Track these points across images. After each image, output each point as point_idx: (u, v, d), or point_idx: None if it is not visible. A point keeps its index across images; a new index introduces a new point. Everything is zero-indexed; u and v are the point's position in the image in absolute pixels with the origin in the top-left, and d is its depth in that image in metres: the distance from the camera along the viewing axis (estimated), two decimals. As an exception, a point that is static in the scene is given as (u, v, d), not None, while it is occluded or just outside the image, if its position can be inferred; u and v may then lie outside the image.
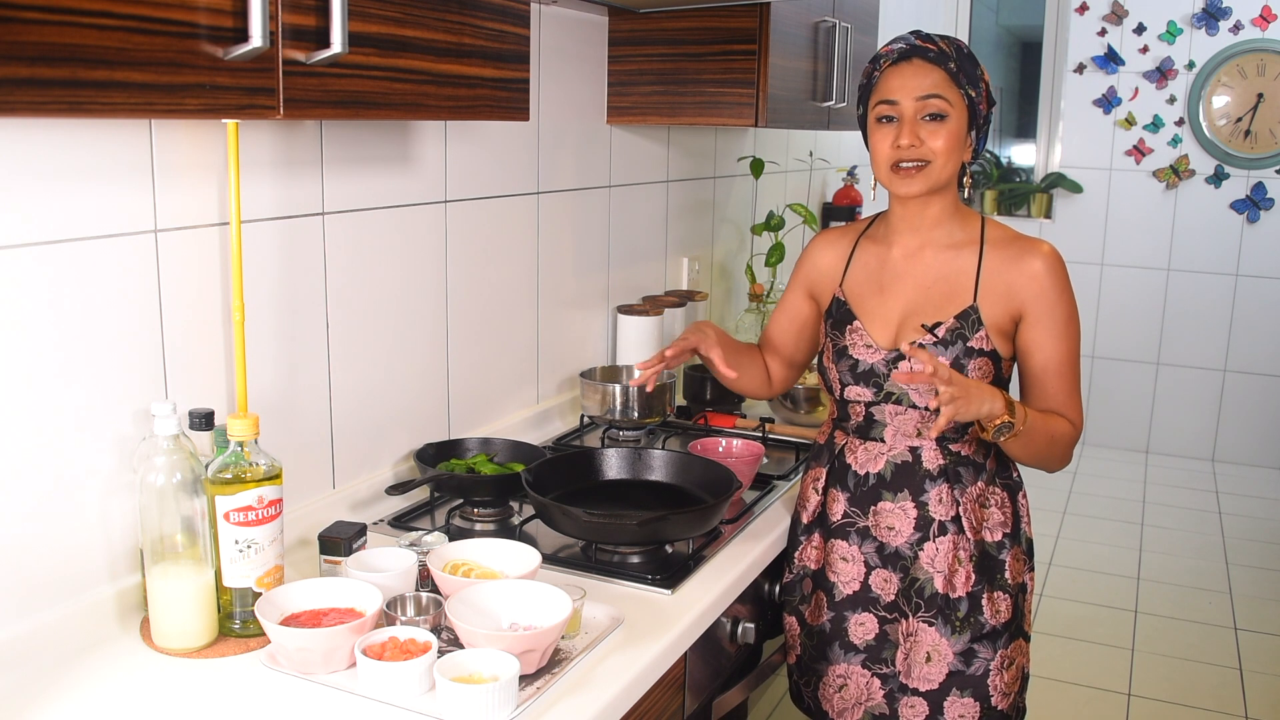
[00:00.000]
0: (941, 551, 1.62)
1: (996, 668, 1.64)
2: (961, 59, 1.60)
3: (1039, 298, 1.60)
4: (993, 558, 1.65)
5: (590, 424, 2.30)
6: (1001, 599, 1.64)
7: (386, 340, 1.82)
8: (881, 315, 1.68)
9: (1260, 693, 3.12)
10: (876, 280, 1.71)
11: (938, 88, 1.58)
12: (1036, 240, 1.65)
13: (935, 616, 1.63)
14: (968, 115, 1.60)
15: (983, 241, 1.65)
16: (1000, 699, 1.65)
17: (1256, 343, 5.13)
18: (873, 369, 1.65)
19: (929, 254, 1.67)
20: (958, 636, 1.62)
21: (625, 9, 2.29)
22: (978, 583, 1.63)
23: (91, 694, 1.19)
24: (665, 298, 2.68)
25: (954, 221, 1.67)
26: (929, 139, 1.58)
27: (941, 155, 1.59)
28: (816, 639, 1.73)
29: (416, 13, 1.33)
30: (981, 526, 1.65)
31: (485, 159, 2.02)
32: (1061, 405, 1.63)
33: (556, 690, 1.22)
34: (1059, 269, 1.62)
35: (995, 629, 1.63)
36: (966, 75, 1.59)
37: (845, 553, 1.69)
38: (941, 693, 1.63)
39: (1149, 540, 4.25)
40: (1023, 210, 5.48)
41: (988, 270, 1.63)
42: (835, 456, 1.72)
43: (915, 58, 1.60)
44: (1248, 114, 5.00)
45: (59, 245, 1.25)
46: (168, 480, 1.26)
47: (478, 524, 1.74)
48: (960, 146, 1.61)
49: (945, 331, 1.61)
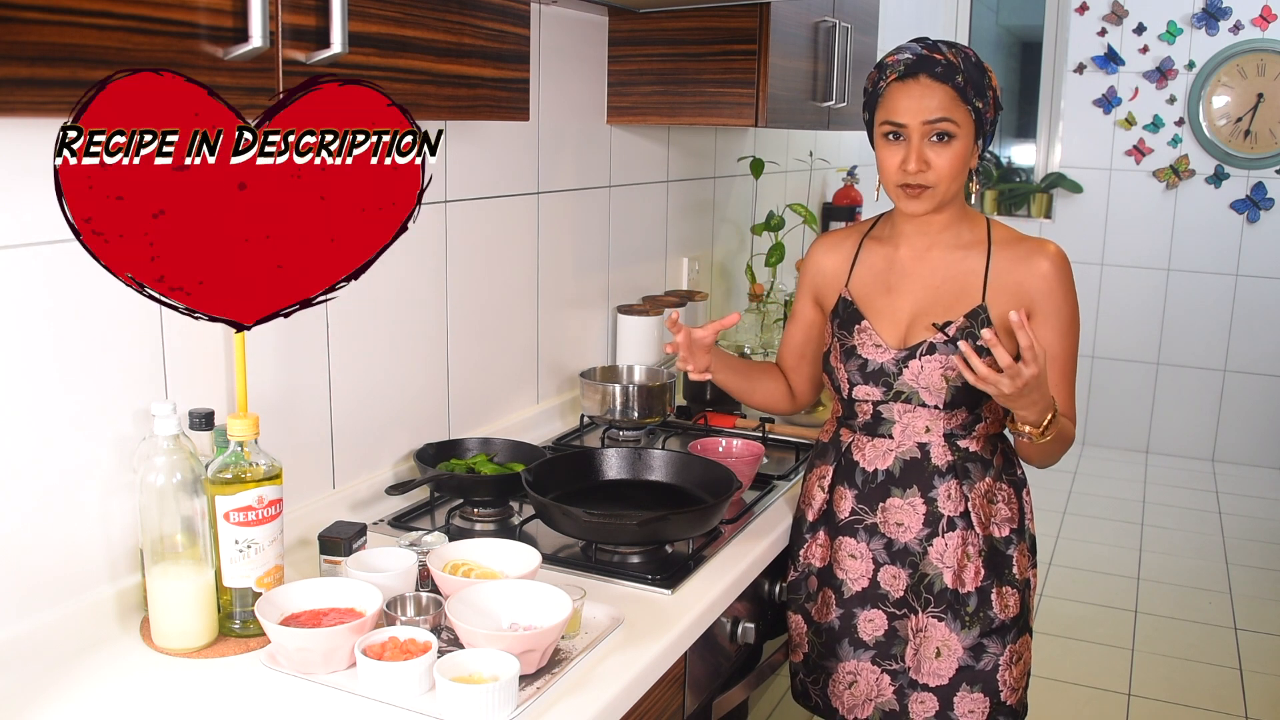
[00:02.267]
0: (951, 547, 1.63)
1: (1006, 663, 1.65)
2: (969, 69, 1.58)
3: (1047, 296, 1.62)
4: (1001, 553, 1.66)
5: (590, 424, 2.30)
6: (1010, 594, 1.65)
7: (386, 340, 1.82)
8: (890, 315, 1.68)
9: (1260, 693, 3.12)
10: (884, 280, 1.71)
11: (944, 109, 1.57)
12: (1043, 240, 1.67)
13: (945, 612, 1.64)
14: (975, 128, 1.60)
15: (990, 242, 1.67)
16: (1009, 694, 1.66)
17: (1256, 343, 5.13)
18: (882, 368, 1.65)
19: (937, 254, 1.68)
20: (967, 631, 1.63)
21: (625, 9, 2.29)
22: (987, 578, 1.64)
23: (91, 694, 1.19)
24: (665, 298, 2.68)
25: (961, 224, 1.68)
26: (935, 160, 1.58)
27: (947, 177, 1.59)
28: (825, 636, 1.73)
29: (416, 13, 1.33)
30: (990, 522, 1.65)
31: (485, 159, 2.02)
32: (1061, 404, 1.63)
33: (556, 690, 1.22)
34: (1065, 268, 1.64)
35: (1004, 624, 1.64)
36: (975, 87, 1.58)
37: (854, 550, 1.69)
38: (951, 688, 1.64)
39: (1149, 540, 4.25)
40: (1023, 210, 5.48)
41: (996, 270, 1.64)
42: (842, 454, 1.72)
43: (922, 74, 1.57)
44: (1248, 114, 5.00)
45: (59, 245, 1.24)
46: (168, 480, 1.26)
47: (478, 524, 1.74)
48: (967, 163, 1.61)
49: (955, 330, 1.61)
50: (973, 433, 1.65)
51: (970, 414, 1.64)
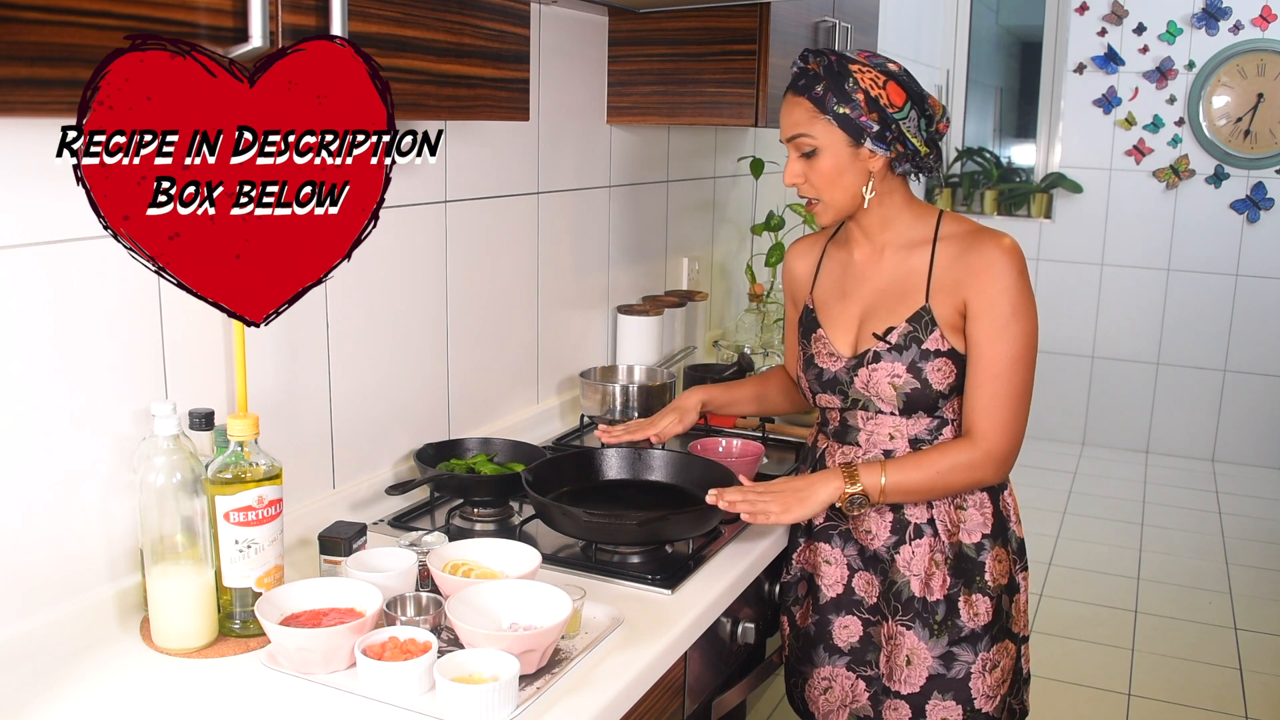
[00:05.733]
0: (918, 555, 1.62)
1: (978, 670, 1.63)
2: (830, 77, 1.53)
3: (980, 293, 1.54)
4: (971, 559, 1.63)
5: (590, 424, 2.30)
6: (980, 601, 1.63)
7: (386, 340, 1.82)
8: (843, 322, 1.68)
9: (1260, 693, 3.12)
10: (840, 286, 1.70)
11: (801, 125, 1.56)
12: (994, 233, 1.58)
13: (913, 620, 1.62)
14: (846, 134, 1.54)
15: (936, 238, 1.61)
16: (984, 701, 1.64)
17: (1256, 343, 5.13)
18: (836, 377, 1.65)
19: (887, 255, 1.65)
20: (936, 640, 1.61)
21: (625, 9, 2.29)
22: (953, 585, 1.62)
23: (91, 694, 1.19)
24: (665, 298, 2.68)
25: (904, 221, 1.64)
26: (809, 174, 1.58)
27: (824, 189, 1.58)
28: (803, 641, 1.73)
29: (416, 13, 1.33)
30: (959, 529, 1.63)
31: (485, 159, 2.02)
32: (976, 415, 1.55)
33: (556, 690, 1.22)
34: (1008, 263, 1.54)
35: (975, 632, 1.62)
36: (836, 94, 1.53)
37: (829, 555, 1.69)
38: (923, 696, 1.63)
39: (1149, 540, 4.25)
40: (1023, 210, 5.48)
41: (939, 267, 1.59)
42: (817, 460, 1.74)
43: (789, 89, 1.58)
44: (1248, 114, 4.99)
45: (59, 245, 1.25)
46: (168, 480, 1.26)
47: (478, 524, 1.74)
48: (845, 171, 1.56)
49: (898, 337, 1.59)
50: (939, 437, 1.63)
51: (932, 417, 1.62)
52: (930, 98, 1.60)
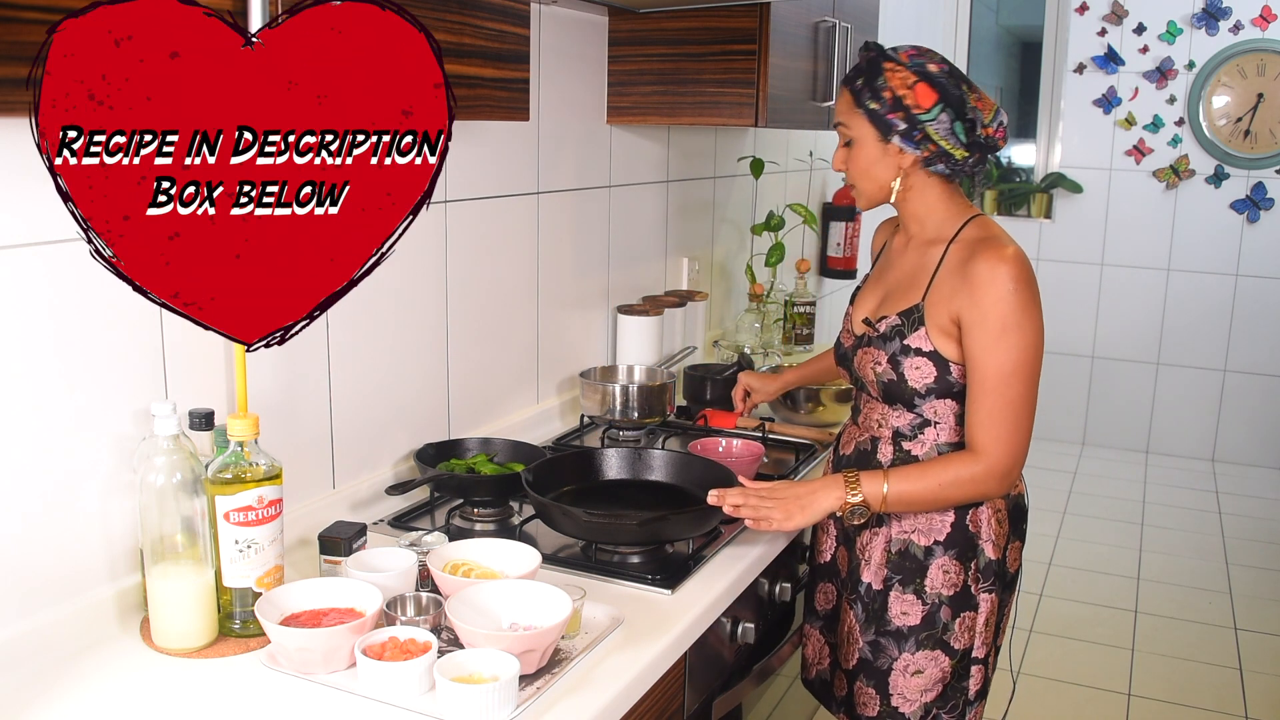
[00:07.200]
0: (874, 542, 1.66)
1: (900, 669, 1.64)
2: (868, 71, 1.57)
3: (972, 305, 1.52)
4: (915, 560, 1.63)
5: (590, 424, 2.30)
6: (912, 603, 1.63)
7: (386, 340, 1.82)
8: (865, 303, 1.74)
9: (1260, 693, 3.12)
10: (880, 270, 1.77)
11: (841, 114, 1.63)
12: (997, 244, 1.54)
13: (855, 601, 1.69)
14: (875, 129, 1.58)
15: (951, 240, 1.61)
16: (902, 702, 1.65)
17: (1256, 343, 5.13)
18: (845, 354, 1.74)
19: (913, 247, 1.69)
20: (866, 627, 1.68)
21: (625, 9, 2.29)
22: (889, 579, 1.65)
23: (91, 694, 1.19)
24: (665, 298, 2.68)
25: (937, 217, 1.64)
26: (848, 162, 1.65)
27: (858, 178, 1.65)
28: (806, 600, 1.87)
29: (417, 13, 1.33)
30: (914, 529, 1.63)
31: (485, 159, 2.02)
32: (975, 429, 1.54)
33: (556, 690, 1.22)
34: (1002, 278, 1.50)
35: (900, 630, 1.64)
36: (869, 90, 1.57)
37: (825, 524, 1.79)
38: (855, 674, 1.70)
39: (1149, 540, 4.25)
40: (1023, 210, 5.48)
41: (944, 269, 1.59)
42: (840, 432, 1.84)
43: (844, 80, 1.64)
44: (1248, 114, 5.00)
45: (59, 245, 1.25)
46: (168, 480, 1.26)
47: (478, 524, 1.74)
48: (875, 163, 1.60)
49: (886, 327, 1.63)
50: (919, 436, 1.63)
51: (912, 413, 1.63)
52: (979, 100, 1.57)
